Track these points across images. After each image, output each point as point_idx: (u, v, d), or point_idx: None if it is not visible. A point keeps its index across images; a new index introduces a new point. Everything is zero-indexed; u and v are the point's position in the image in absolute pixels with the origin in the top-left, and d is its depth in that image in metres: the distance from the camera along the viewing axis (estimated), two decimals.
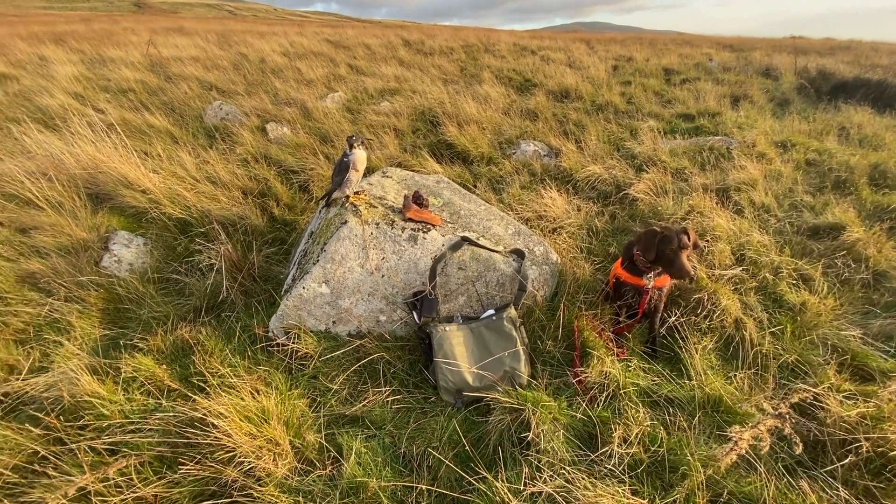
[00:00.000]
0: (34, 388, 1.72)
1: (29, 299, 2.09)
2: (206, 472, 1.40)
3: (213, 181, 3.10)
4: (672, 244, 1.81)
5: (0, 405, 1.67)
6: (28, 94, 5.05)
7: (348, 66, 6.66)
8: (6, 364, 1.85)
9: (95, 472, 1.32)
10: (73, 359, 1.83)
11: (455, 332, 1.89)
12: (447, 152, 3.87)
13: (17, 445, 1.48)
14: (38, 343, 1.94)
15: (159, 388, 1.75)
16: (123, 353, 1.88)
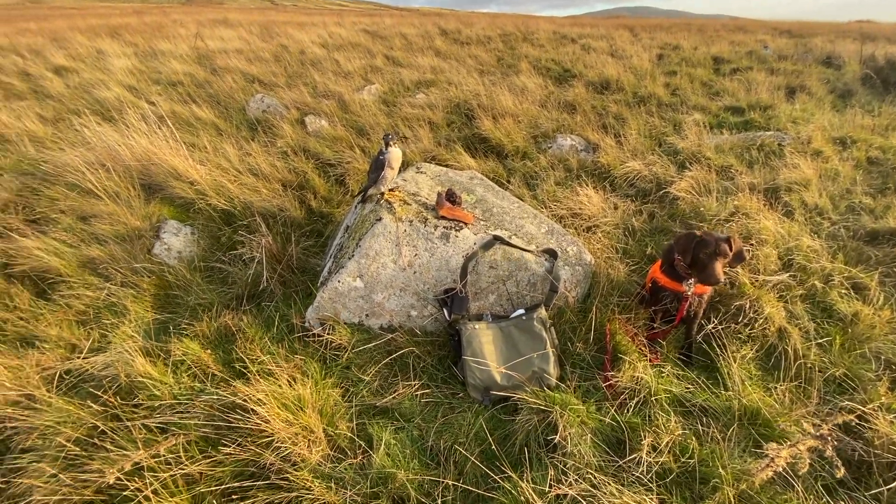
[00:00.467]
0: (93, 367, 1.87)
1: (89, 283, 2.26)
2: (247, 454, 1.48)
3: (254, 173, 3.22)
4: (708, 248, 1.74)
5: (63, 381, 1.82)
6: (87, 86, 5.37)
7: (385, 57, 6.70)
8: (69, 343, 2.02)
9: (148, 448, 1.43)
10: (128, 341, 1.97)
11: (484, 330, 1.90)
12: (481, 146, 3.85)
13: (79, 420, 1.62)
14: (98, 324, 2.10)
15: (204, 372, 1.86)
16: (173, 337, 2.01)
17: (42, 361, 1.89)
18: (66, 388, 1.80)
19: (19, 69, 6.33)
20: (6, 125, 4.01)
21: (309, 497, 1.43)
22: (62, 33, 9.80)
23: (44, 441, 1.58)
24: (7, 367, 1.80)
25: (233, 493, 1.44)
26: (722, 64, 6.72)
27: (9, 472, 1.53)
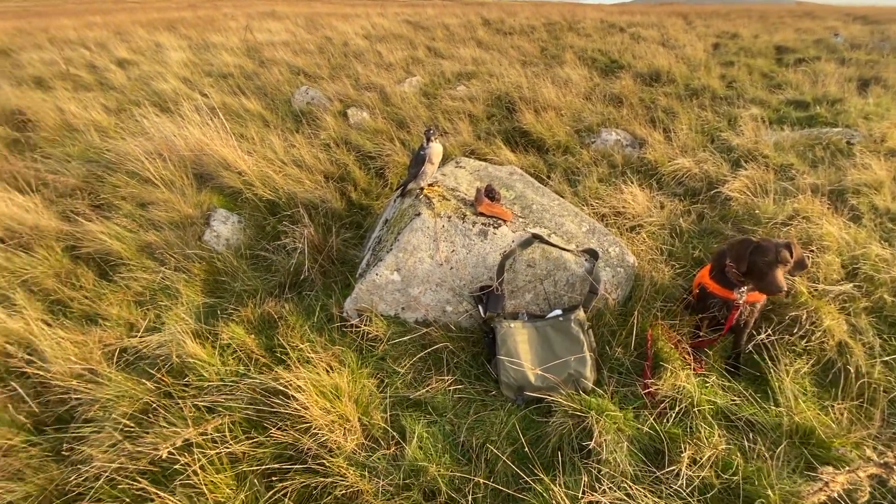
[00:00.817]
0: (148, 346, 2.00)
1: (146, 267, 2.41)
2: (286, 438, 1.55)
3: (298, 164, 3.31)
4: (767, 255, 1.64)
5: (122, 358, 1.95)
6: (146, 78, 5.68)
7: (427, 48, 6.68)
8: (128, 322, 2.16)
9: (197, 427, 1.52)
10: (180, 322, 2.09)
11: (520, 329, 1.88)
12: (522, 140, 3.79)
13: (135, 395, 1.74)
14: (153, 306, 2.23)
15: (248, 357, 1.95)
16: (220, 321, 2.11)
17: (103, 338, 2.04)
18: (124, 364, 1.93)
19: (87, 62, 6.77)
20: (75, 115, 4.31)
21: (343, 484, 1.48)
22: (125, 27, 10.40)
23: (104, 413, 1.70)
24: (73, 343, 1.95)
25: (273, 474, 1.51)
26: (785, 54, 6.27)
27: (73, 439, 1.66)
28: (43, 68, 6.27)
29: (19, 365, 1.87)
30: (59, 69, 6.21)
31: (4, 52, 7.77)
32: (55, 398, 1.80)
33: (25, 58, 6.84)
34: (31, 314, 2.04)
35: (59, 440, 1.67)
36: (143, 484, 1.38)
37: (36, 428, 1.75)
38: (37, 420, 1.75)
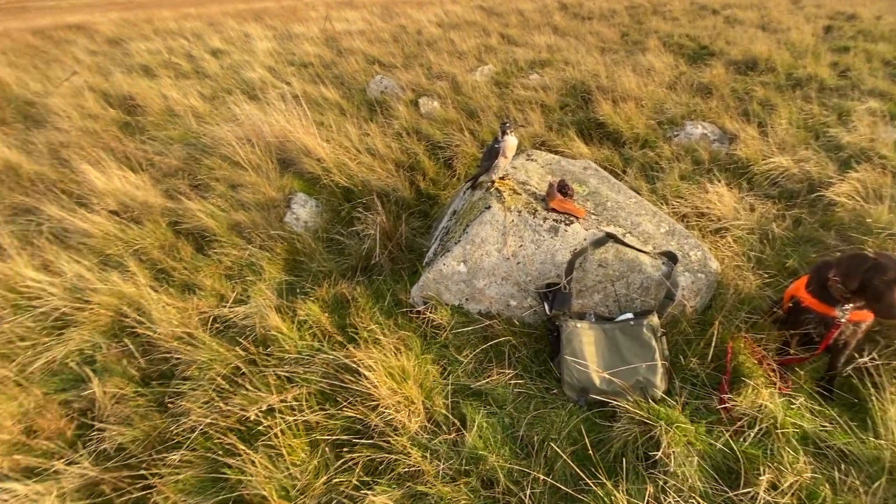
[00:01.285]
0: (236, 316, 2.20)
1: (235, 244, 2.63)
2: (356, 413, 1.64)
3: (371, 153, 3.43)
4: (887, 274, 1.46)
5: (214, 325, 2.17)
6: (237, 67, 6.11)
7: (500, 35, 6.57)
8: (219, 293, 2.38)
9: (279, 394, 1.66)
10: (263, 297, 2.28)
11: (586, 330, 1.84)
12: (597, 132, 3.64)
13: (226, 359, 1.93)
14: (240, 280, 2.44)
15: (322, 333, 2.09)
16: (298, 298, 2.27)
17: (199, 306, 2.27)
18: (216, 331, 2.14)
19: (185, 51, 7.40)
20: (176, 101, 4.76)
21: (406, 462, 1.55)
22: (216, 18, 11.21)
23: (199, 373, 1.91)
24: (175, 308, 2.19)
25: (342, 445, 1.61)
26: None
27: (173, 394, 1.89)
28: (149, 57, 6.95)
29: (131, 324, 2.14)
30: (162, 58, 6.85)
31: (116, 41, 8.70)
32: (159, 356, 2.04)
33: (134, 47, 7.61)
34: (142, 280, 2.31)
35: (162, 393, 1.90)
36: (233, 440, 1.54)
37: (143, 381, 2.00)
38: (144, 374, 2.00)
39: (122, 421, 1.81)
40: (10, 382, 1.93)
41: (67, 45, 8.39)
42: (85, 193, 2.98)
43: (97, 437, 1.76)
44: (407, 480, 1.52)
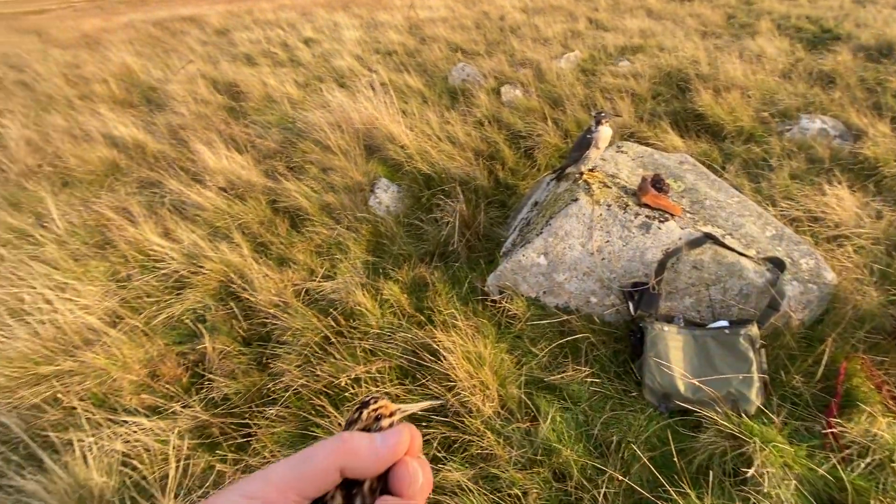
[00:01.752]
0: (324, 290, 2.36)
1: (325, 223, 2.81)
2: (433, 391, 1.71)
3: (452, 141, 3.47)
4: None
5: (306, 297, 2.35)
6: (327, 55, 6.43)
7: (588, 19, 6.28)
8: (309, 268, 2.57)
9: (365, 366, 1.78)
10: (349, 274, 2.43)
11: (674, 334, 1.75)
12: (693, 124, 3.38)
13: (316, 328, 2.09)
14: (329, 257, 2.62)
15: (402, 312, 2.18)
16: (381, 277, 2.39)
17: (293, 278, 2.47)
18: (307, 302, 2.32)
19: (281, 40, 7.92)
20: (274, 88, 5.12)
21: (479, 444, 1.59)
22: (308, 8, 11.82)
23: (293, 339, 2.09)
24: (272, 279, 2.40)
25: (419, 419, 1.69)
26: None
27: (271, 355, 2.08)
28: (250, 46, 7.53)
29: (236, 290, 2.38)
30: (261, 47, 7.39)
31: (223, 32, 9.49)
32: (258, 321, 2.26)
33: (237, 37, 8.26)
34: (245, 251, 2.56)
35: (261, 354, 2.11)
36: (323, 402, 1.68)
37: (245, 341, 2.23)
38: (246, 335, 2.23)
39: (227, 374, 2.03)
40: (138, 332, 2.24)
41: (182, 35, 9.32)
42: (199, 171, 3.34)
43: (207, 387, 2.01)
44: (480, 461, 1.57)
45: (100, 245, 2.80)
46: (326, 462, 0.35)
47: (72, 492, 1.55)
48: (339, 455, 0.35)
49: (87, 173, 3.68)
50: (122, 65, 6.41)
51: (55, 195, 3.36)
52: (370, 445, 0.36)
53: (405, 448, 0.38)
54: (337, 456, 0.35)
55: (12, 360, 2.04)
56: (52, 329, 2.16)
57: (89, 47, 8.50)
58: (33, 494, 1.54)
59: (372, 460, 0.36)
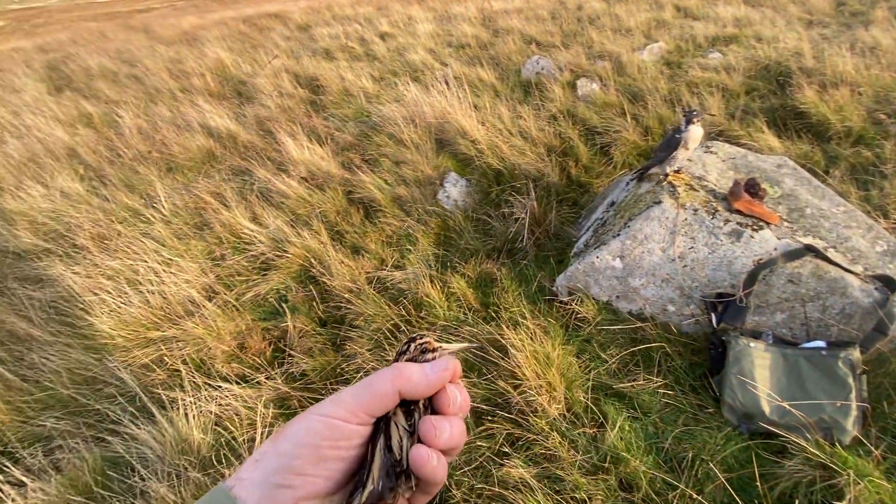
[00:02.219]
0: (393, 280, 2.46)
1: (396, 215, 2.92)
2: (499, 387, 1.74)
3: (524, 136, 3.43)
4: None
5: (379, 284, 2.46)
6: (401, 49, 6.58)
7: (675, 7, 5.88)
8: (381, 257, 2.68)
9: None
10: (417, 265, 2.50)
11: (761, 351, 1.64)
12: (794, 123, 3.08)
13: (387, 315, 2.19)
14: (398, 248, 2.71)
15: (468, 307, 2.22)
16: (448, 271, 2.44)
17: (365, 267, 2.59)
18: (378, 289, 2.43)
19: (358, 35, 8.20)
20: (350, 82, 5.33)
21: (543, 445, 1.60)
22: (384, 3, 12.12)
23: (365, 323, 2.21)
24: (347, 266, 2.54)
25: (484, 414, 1.73)
26: None
27: (344, 337, 2.21)
28: (330, 41, 7.87)
29: (315, 274, 2.54)
30: (339, 42, 7.70)
31: (304, 27, 9.99)
32: (334, 304, 2.40)
33: (318, 32, 8.67)
34: (324, 238, 2.72)
35: (336, 335, 2.25)
36: None
37: (321, 322, 2.38)
38: (323, 317, 2.39)
39: (305, 352, 2.19)
40: (230, 307, 2.47)
41: (268, 31, 9.95)
42: (284, 161, 3.58)
43: (287, 361, 2.18)
44: (543, 461, 1.57)
45: (198, 226, 3.11)
46: (385, 387, 0.42)
47: (175, 444, 1.76)
48: (396, 380, 0.42)
49: (187, 160, 4.08)
50: (217, 60, 6.98)
51: (161, 179, 3.77)
52: (421, 372, 0.43)
53: (450, 376, 0.45)
54: (394, 381, 0.42)
55: (128, 324, 2.33)
56: (159, 299, 2.44)
57: (188, 43, 9.32)
58: (145, 442, 1.77)
59: (424, 384, 0.43)
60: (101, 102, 6.18)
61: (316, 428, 0.40)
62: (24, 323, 2.38)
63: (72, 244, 3.08)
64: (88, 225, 3.20)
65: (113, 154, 4.39)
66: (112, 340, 2.25)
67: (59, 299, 2.56)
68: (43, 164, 4.30)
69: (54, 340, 2.31)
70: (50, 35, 14.92)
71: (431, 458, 0.41)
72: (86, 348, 2.26)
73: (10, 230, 3.37)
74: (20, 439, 1.93)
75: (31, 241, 3.19)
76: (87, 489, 1.64)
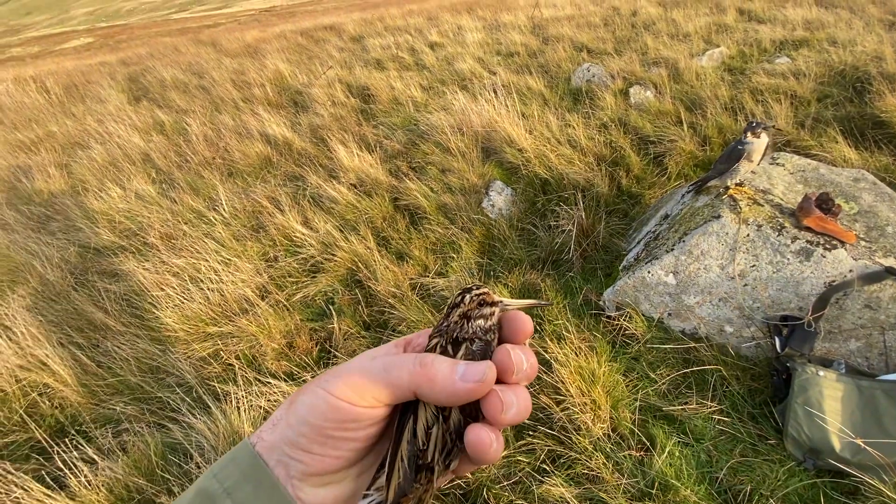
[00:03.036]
0: (436, 287, 2.48)
1: (441, 222, 2.94)
2: (541, 401, 1.71)
3: (572, 144, 3.37)
4: None
5: (422, 290, 2.49)
6: (450, 58, 6.66)
7: (737, 10, 5.59)
8: (424, 264, 2.71)
9: None
10: (460, 273, 2.51)
11: (832, 381, 1.51)
12: (873, 133, 2.83)
13: (430, 322, 2.20)
14: (442, 255, 2.73)
15: None
16: (491, 279, 2.43)
17: (409, 272, 2.63)
18: (420, 295, 2.46)
19: (408, 46, 8.40)
20: (400, 91, 5.46)
21: (586, 465, 1.55)
22: (434, 12, 12.34)
23: (407, 329, 2.23)
24: (392, 271, 2.59)
25: (523, 428, 1.70)
26: None
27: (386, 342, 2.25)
28: (381, 52, 8.11)
29: (362, 278, 2.61)
30: (390, 52, 7.92)
31: (357, 39, 10.36)
32: (378, 308, 2.45)
33: (370, 43, 8.96)
34: (371, 244, 2.79)
35: (379, 339, 2.29)
36: None
37: (365, 325, 2.44)
38: (367, 320, 2.44)
39: (349, 354, 2.25)
40: (281, 307, 2.59)
41: (324, 43, 10.40)
42: (335, 167, 3.71)
43: (333, 362, 2.24)
44: (585, 482, 1.52)
45: (255, 228, 3.28)
46: (401, 381, 0.35)
47: (227, 435, 1.85)
48: (415, 378, 0.35)
49: (247, 166, 4.33)
50: (276, 71, 7.37)
51: (223, 183, 4.02)
52: (449, 377, 0.35)
53: (486, 390, 0.36)
54: (412, 379, 0.35)
55: (189, 319, 2.49)
56: (218, 296, 2.59)
57: (250, 55, 9.91)
58: (200, 432, 1.88)
59: (446, 394, 0.35)
60: (172, 111, 6.69)
61: (319, 408, 0.35)
62: (101, 313, 2.60)
63: (143, 242, 3.35)
64: (158, 224, 3.46)
65: (181, 159, 4.74)
66: (175, 333, 2.41)
67: (132, 293, 2.78)
68: (121, 167, 4.71)
69: (125, 331, 2.51)
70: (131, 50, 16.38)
71: (492, 443, 0.35)
72: (152, 339, 2.44)
73: (93, 227, 3.70)
74: (94, 419, 2.11)
75: (109, 239, 3.49)
76: (149, 471, 1.76)
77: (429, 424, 0.36)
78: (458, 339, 0.39)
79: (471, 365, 0.36)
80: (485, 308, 0.40)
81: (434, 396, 0.35)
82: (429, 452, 0.36)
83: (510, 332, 0.42)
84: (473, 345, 0.39)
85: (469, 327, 0.40)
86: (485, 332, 0.40)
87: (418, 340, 0.43)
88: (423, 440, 0.36)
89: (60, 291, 2.93)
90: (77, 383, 2.22)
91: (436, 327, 0.42)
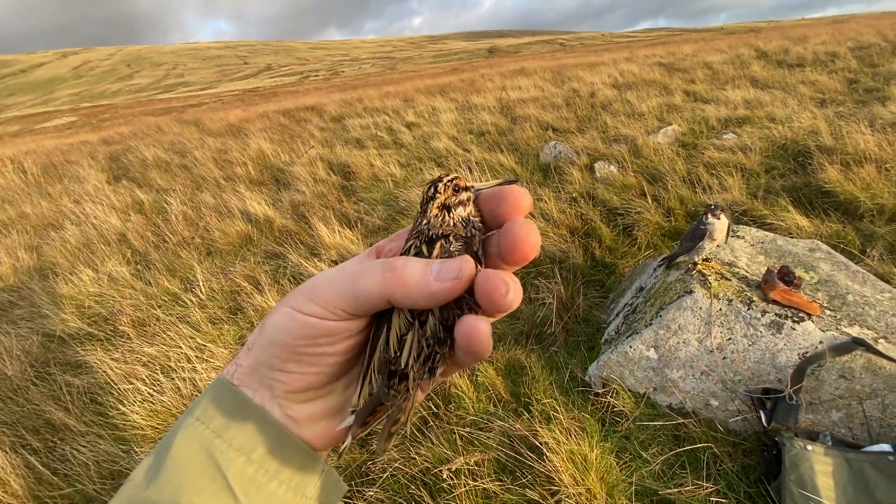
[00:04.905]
0: None
1: None
2: (535, 494, 1.63)
3: (545, 217, 3.52)
4: None
5: None
6: (426, 137, 7.07)
7: (684, 92, 6.21)
8: None
9: (465, 456, 1.76)
10: None
11: (821, 455, 1.50)
12: (821, 201, 3.07)
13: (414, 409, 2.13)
14: None
15: (497, 397, 2.15)
16: None
17: None
18: None
19: (386, 125, 8.90)
20: (379, 168, 5.70)
21: None
22: (410, 94, 13.25)
23: None
24: None
25: None
26: None
27: (371, 431, 2.15)
28: (361, 131, 8.55)
29: None
30: (370, 132, 8.35)
31: (338, 119, 10.93)
32: None
33: (350, 123, 9.45)
34: None
35: None
36: (422, 493, 1.67)
37: None
38: None
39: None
40: None
41: (305, 122, 10.91)
42: (316, 244, 3.75)
43: None
44: None
45: (232, 310, 3.21)
46: (369, 290, 0.33)
47: None
48: (386, 285, 0.33)
49: (226, 244, 4.32)
50: (258, 150, 7.62)
51: (201, 263, 3.98)
52: (422, 279, 0.32)
53: (464, 287, 0.33)
54: (383, 286, 0.33)
55: (158, 413, 2.35)
56: (190, 386, 2.47)
57: (234, 135, 10.28)
58: None
59: (424, 297, 0.33)
60: (153, 190, 6.75)
61: (287, 326, 0.34)
62: (60, 412, 2.42)
63: (113, 329, 3.21)
64: (130, 309, 3.35)
65: (159, 239, 4.71)
66: (142, 431, 2.25)
67: (96, 387, 2.61)
68: (95, 248, 4.63)
69: (87, 430, 2.33)
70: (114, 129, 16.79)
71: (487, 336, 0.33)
72: (116, 439, 2.27)
73: (59, 314, 3.55)
74: None
75: (76, 326, 3.34)
76: None
77: (402, 332, 0.34)
78: (433, 237, 0.36)
79: (445, 262, 0.33)
80: (461, 193, 0.37)
81: (409, 301, 0.33)
82: (402, 359, 0.34)
83: (505, 210, 0.38)
84: (450, 245, 0.36)
85: (450, 219, 0.37)
86: (466, 223, 0.37)
87: (390, 246, 0.40)
88: (395, 348, 0.34)
89: (19, 387, 2.74)
90: (28, 495, 2.01)
91: (412, 228, 0.38)
